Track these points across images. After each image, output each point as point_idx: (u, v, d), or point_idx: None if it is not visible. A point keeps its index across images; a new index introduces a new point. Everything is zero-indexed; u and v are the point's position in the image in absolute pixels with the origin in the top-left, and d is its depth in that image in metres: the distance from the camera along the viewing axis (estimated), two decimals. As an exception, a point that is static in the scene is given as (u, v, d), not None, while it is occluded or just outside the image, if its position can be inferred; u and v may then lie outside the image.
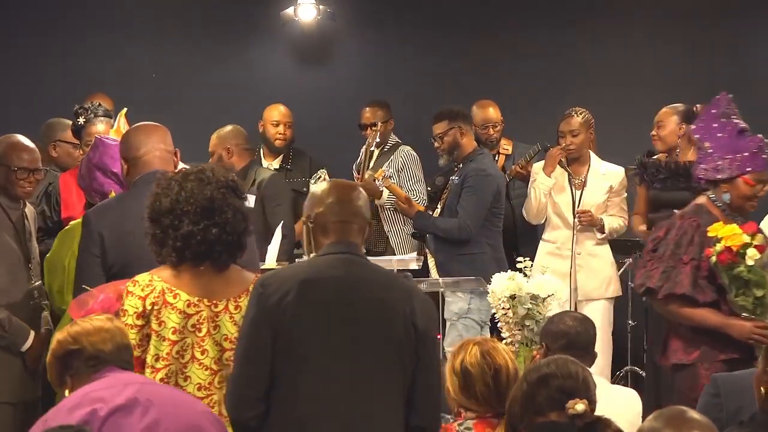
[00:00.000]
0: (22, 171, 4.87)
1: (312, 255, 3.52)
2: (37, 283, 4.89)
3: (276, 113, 7.58)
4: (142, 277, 3.80)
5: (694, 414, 2.75)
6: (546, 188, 6.82)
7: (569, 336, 4.29)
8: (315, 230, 3.52)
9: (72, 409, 3.05)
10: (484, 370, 3.50)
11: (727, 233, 4.62)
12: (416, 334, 3.37)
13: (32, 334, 4.84)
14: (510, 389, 3.44)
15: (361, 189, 3.64)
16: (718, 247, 4.61)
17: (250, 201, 6.55)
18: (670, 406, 2.88)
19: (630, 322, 7.34)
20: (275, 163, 7.51)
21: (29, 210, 5.03)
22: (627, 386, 6.04)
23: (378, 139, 7.36)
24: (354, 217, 3.50)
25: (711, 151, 4.95)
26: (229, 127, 6.93)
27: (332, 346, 3.28)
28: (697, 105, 6.30)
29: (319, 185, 3.64)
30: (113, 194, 4.73)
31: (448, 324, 6.43)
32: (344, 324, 3.36)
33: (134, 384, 3.16)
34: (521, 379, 3.17)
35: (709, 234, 4.69)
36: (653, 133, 6.33)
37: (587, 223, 6.77)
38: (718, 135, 4.99)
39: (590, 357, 4.33)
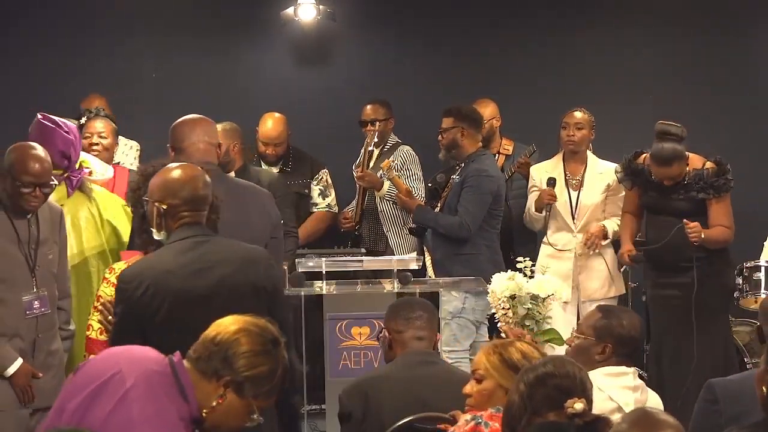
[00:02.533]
0: (29, 185, 4.66)
1: (162, 233, 3.90)
2: (43, 293, 4.71)
3: (266, 131, 7.49)
4: (118, 266, 3.99)
5: (661, 414, 2.73)
6: (540, 224, 6.91)
7: (637, 345, 4.18)
8: (167, 216, 3.86)
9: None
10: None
11: None
12: (267, 295, 3.88)
13: (18, 361, 4.64)
14: None
15: (205, 176, 3.97)
16: None
17: None
18: (637, 408, 2.87)
19: (630, 322, 7.33)
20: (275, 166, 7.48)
21: (47, 213, 4.84)
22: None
23: (376, 139, 7.36)
24: (202, 205, 3.91)
25: None
26: (230, 125, 6.90)
27: (193, 327, 3.37)
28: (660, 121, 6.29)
29: (170, 170, 3.94)
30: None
31: (442, 323, 6.44)
32: (201, 305, 3.69)
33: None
34: (518, 379, 3.15)
35: None
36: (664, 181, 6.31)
37: (596, 245, 6.80)
38: None
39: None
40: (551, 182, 6.87)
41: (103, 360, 3.16)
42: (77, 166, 5.27)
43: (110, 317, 4.02)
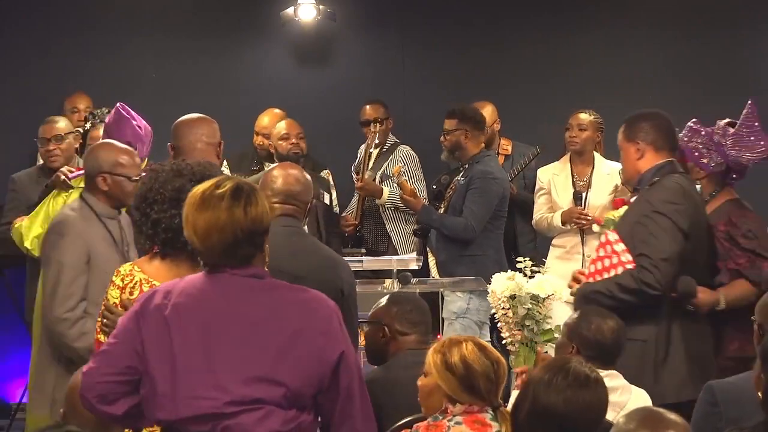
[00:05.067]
0: (137, 176, 4.68)
1: None
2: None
3: (265, 127, 7.45)
4: (125, 268, 4.00)
5: (667, 414, 2.73)
6: (556, 233, 6.92)
7: (604, 349, 4.16)
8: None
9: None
10: (486, 364, 3.49)
11: None
12: (342, 298, 4.07)
13: None
14: (502, 382, 3.51)
15: (305, 175, 4.24)
16: None
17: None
18: (642, 407, 2.87)
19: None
20: (275, 165, 7.47)
21: (124, 218, 4.84)
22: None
23: (377, 140, 7.35)
24: (291, 198, 4.16)
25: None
26: None
27: None
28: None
29: (271, 168, 4.24)
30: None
31: (446, 323, 6.45)
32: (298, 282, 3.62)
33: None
34: (531, 391, 3.10)
35: None
36: None
37: (587, 227, 6.79)
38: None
39: (613, 365, 4.26)
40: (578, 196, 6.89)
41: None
42: None
43: (106, 320, 4.01)
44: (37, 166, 6.66)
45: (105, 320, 3.98)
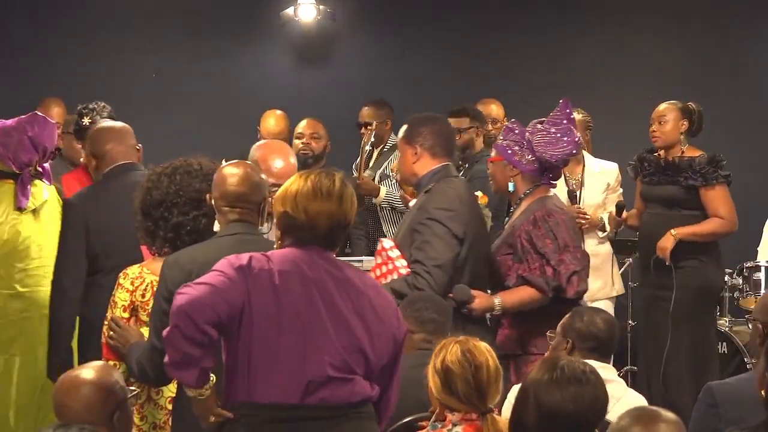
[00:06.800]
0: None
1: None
2: None
3: (269, 128, 7.40)
4: (132, 270, 3.97)
5: (661, 411, 2.76)
6: None
7: (600, 340, 4.18)
8: (216, 209, 3.88)
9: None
10: (464, 367, 3.48)
11: None
12: None
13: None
14: (491, 387, 3.48)
15: (258, 173, 3.93)
16: None
17: None
18: (637, 405, 2.88)
19: (630, 322, 7.34)
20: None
21: None
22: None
23: (373, 139, 7.34)
24: (238, 202, 3.84)
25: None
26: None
27: None
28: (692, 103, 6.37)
29: (220, 168, 3.92)
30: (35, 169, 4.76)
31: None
32: None
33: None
34: (532, 390, 3.09)
35: None
36: (653, 129, 6.35)
37: (587, 226, 6.77)
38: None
39: (609, 359, 4.28)
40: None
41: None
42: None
43: (112, 333, 4.00)
44: None
45: (112, 333, 3.96)
